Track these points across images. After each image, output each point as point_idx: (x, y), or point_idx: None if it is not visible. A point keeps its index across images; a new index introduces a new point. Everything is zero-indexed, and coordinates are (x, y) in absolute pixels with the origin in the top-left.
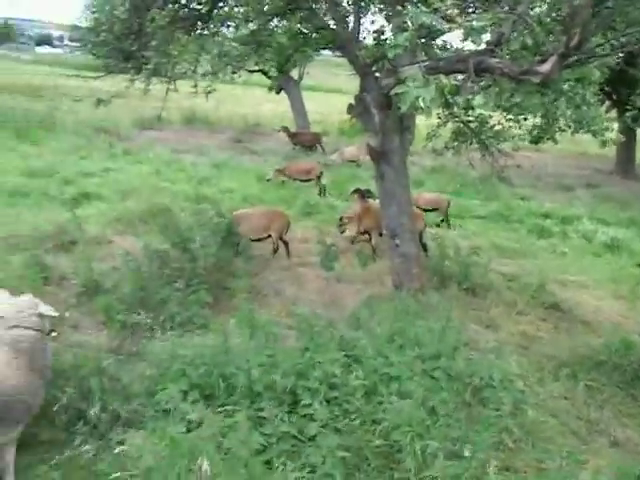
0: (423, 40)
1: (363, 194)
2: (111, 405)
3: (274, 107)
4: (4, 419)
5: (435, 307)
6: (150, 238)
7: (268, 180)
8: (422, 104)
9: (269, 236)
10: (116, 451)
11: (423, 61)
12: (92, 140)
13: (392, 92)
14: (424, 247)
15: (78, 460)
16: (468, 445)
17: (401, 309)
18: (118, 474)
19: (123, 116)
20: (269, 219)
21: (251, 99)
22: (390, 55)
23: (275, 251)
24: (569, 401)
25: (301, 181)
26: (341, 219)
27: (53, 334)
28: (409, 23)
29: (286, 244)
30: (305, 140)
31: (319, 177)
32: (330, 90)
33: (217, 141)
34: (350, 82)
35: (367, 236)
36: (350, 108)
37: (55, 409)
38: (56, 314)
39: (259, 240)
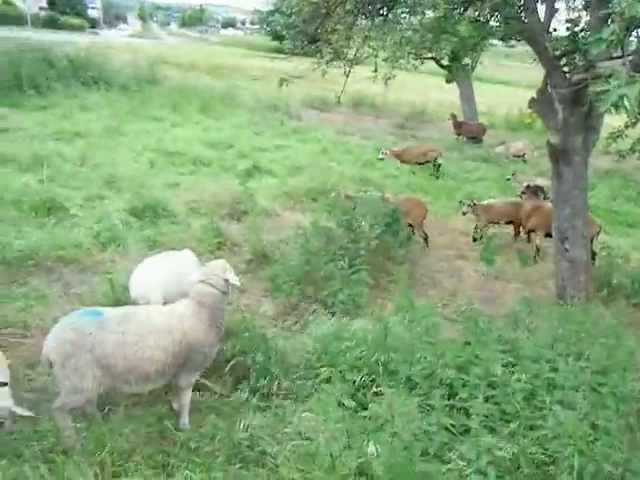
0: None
1: (535, 191)
2: (272, 373)
3: (441, 95)
4: (187, 365)
5: (601, 319)
6: (316, 215)
7: (381, 159)
8: (627, 104)
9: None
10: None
11: (628, 55)
12: (266, 117)
13: (590, 89)
14: (593, 255)
15: (244, 418)
16: (629, 473)
17: (564, 316)
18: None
19: (294, 96)
20: (407, 207)
21: (419, 86)
22: (594, 51)
23: (425, 240)
24: None
25: (417, 164)
26: (473, 204)
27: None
28: (616, 14)
29: (424, 235)
30: (470, 131)
31: (436, 160)
32: (498, 82)
33: (382, 126)
34: (519, 74)
35: (489, 228)
36: (532, 102)
37: (226, 369)
38: (238, 284)
39: None
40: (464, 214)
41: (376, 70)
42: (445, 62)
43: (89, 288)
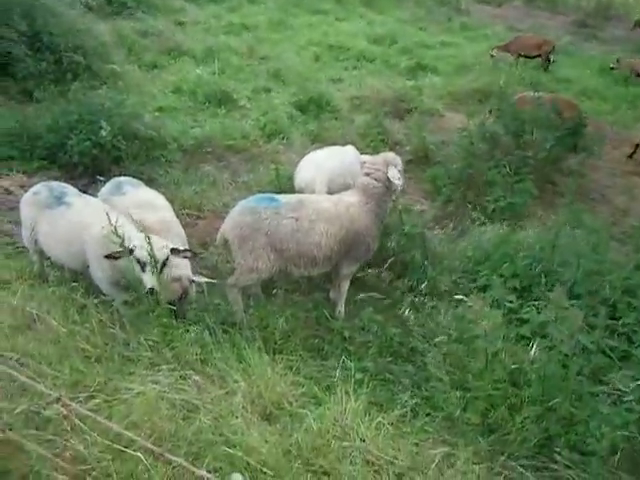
0: None
1: None
2: (429, 274)
3: None
4: (350, 254)
5: None
6: (482, 118)
7: (492, 57)
8: None
9: None
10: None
11: None
12: (432, 11)
13: None
14: None
15: (397, 315)
16: None
17: None
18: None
19: None
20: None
21: None
22: None
23: None
24: None
25: (527, 57)
26: None
27: None
28: None
29: None
30: None
31: (549, 53)
32: None
33: (559, 23)
34: None
35: None
36: None
37: (385, 266)
38: (397, 182)
39: None
40: None
41: None
42: None
43: (255, 176)
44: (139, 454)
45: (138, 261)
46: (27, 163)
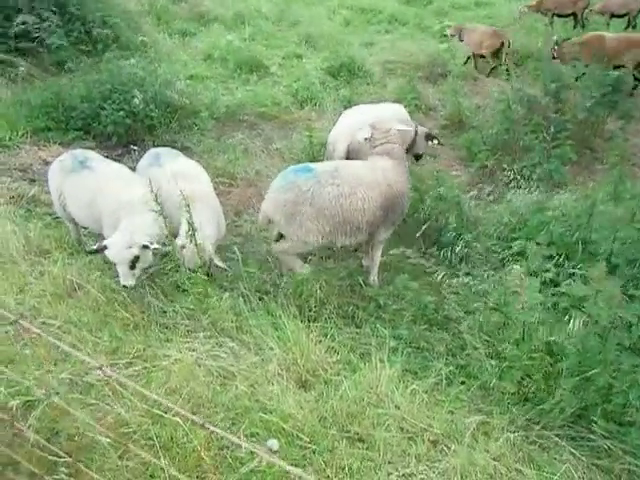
0: None
1: None
2: (464, 240)
3: None
4: (388, 218)
5: None
6: (520, 81)
7: (521, 13)
8: None
9: None
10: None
11: None
12: None
13: None
14: None
15: (432, 282)
16: None
17: None
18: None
19: None
20: None
21: None
22: None
23: None
24: None
25: (561, 16)
26: None
27: None
28: None
29: None
30: None
31: (584, 9)
32: None
33: None
34: None
35: None
36: None
37: (419, 233)
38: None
39: None
40: None
41: None
42: None
43: (288, 144)
44: (178, 419)
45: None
46: (63, 134)
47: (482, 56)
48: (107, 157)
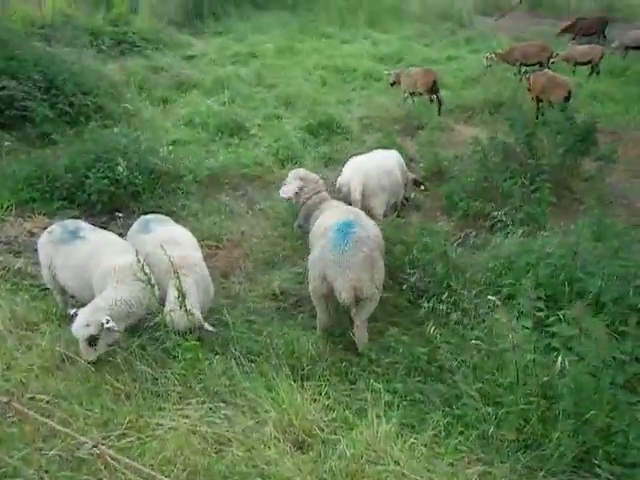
0: None
1: None
2: (452, 288)
3: None
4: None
5: None
6: (493, 130)
7: (488, 67)
8: None
9: None
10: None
11: None
12: (436, 27)
13: None
14: None
15: (423, 333)
16: None
17: None
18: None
19: (466, 2)
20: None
21: None
22: None
23: None
24: None
25: (528, 65)
26: None
27: None
28: None
29: None
30: None
31: (549, 59)
32: None
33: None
34: None
35: None
36: None
37: (405, 285)
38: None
39: None
40: None
41: None
42: None
43: (272, 204)
44: None
45: None
46: (48, 204)
47: (420, 94)
48: (93, 225)
